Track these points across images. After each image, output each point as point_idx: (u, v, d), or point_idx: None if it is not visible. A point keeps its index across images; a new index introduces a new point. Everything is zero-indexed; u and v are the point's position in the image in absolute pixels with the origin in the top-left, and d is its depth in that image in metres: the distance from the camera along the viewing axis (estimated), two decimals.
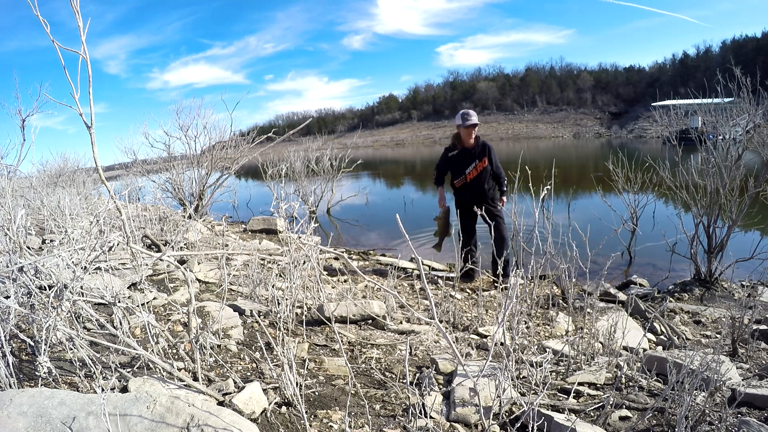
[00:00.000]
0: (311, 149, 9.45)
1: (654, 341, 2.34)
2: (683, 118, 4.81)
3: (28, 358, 1.52)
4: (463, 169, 3.86)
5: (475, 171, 3.83)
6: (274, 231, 5.89)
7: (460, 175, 3.88)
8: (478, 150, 3.82)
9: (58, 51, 1.09)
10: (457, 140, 3.89)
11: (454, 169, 3.91)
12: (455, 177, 3.91)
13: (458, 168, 3.89)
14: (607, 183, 4.85)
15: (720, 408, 1.37)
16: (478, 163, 3.80)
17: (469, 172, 3.84)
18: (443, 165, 3.97)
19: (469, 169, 3.83)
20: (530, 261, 2.41)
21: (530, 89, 70.10)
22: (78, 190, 5.77)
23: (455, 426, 1.38)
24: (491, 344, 1.35)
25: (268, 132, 6.60)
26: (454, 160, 3.90)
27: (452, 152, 3.91)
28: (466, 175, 3.85)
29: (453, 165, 3.91)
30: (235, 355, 1.76)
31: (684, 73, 54.56)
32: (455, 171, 3.91)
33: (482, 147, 3.82)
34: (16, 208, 2.30)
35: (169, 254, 1.48)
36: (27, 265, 1.54)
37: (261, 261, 3.23)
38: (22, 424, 1.00)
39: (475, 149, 3.82)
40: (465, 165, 3.85)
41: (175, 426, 1.08)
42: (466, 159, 3.84)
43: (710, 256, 3.41)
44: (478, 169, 3.82)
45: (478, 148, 3.82)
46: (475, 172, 3.83)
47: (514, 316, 1.78)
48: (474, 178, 3.83)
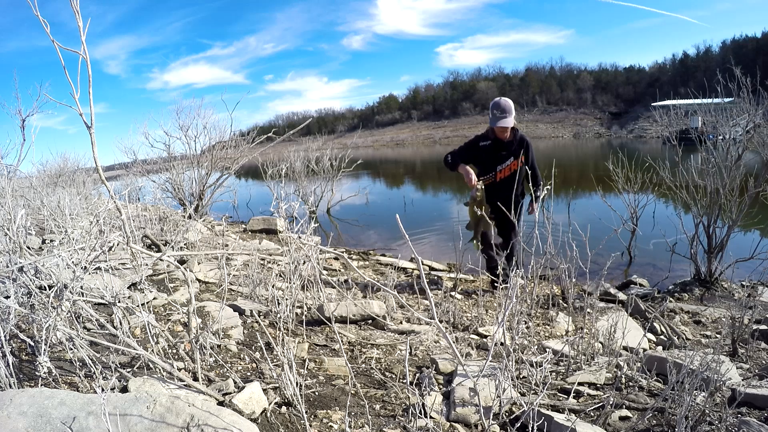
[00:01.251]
0: (311, 149, 9.46)
1: (654, 341, 2.34)
2: (683, 118, 4.81)
3: (28, 358, 1.52)
4: (494, 165, 3.25)
5: (508, 170, 3.24)
6: (274, 231, 5.89)
7: (489, 172, 3.26)
8: (516, 145, 3.23)
9: (58, 51, 1.09)
10: (491, 132, 3.27)
11: (483, 164, 3.28)
12: (482, 173, 3.28)
13: (488, 163, 3.26)
14: (607, 183, 4.85)
15: (720, 408, 1.37)
16: (513, 161, 3.21)
17: (501, 170, 3.24)
18: (466, 154, 3.31)
19: (502, 166, 3.24)
20: (530, 261, 2.41)
21: (530, 89, 70.11)
22: (78, 190, 5.77)
23: (455, 426, 1.38)
24: (491, 344, 1.35)
25: (268, 132, 6.61)
26: (484, 152, 3.25)
27: (484, 142, 3.27)
28: (496, 173, 3.25)
29: (482, 158, 3.27)
30: (235, 355, 1.76)
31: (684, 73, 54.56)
32: (483, 166, 3.28)
33: (520, 142, 3.24)
34: (16, 208, 2.30)
35: (169, 254, 1.48)
36: (27, 265, 1.54)
37: (261, 261, 3.23)
38: (22, 424, 1.00)
39: (513, 143, 3.22)
40: (497, 160, 3.24)
41: (175, 426, 1.08)
42: (500, 153, 3.23)
43: (710, 256, 3.41)
44: (512, 168, 3.23)
45: (516, 142, 3.23)
46: (508, 170, 3.25)
47: (514, 316, 1.78)
48: (505, 179, 3.25)
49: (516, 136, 3.24)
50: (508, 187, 3.23)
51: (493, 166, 3.26)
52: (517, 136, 3.25)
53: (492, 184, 3.26)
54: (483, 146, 3.27)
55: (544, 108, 67.73)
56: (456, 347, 1.20)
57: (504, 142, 3.22)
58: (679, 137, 4.09)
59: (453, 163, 3.28)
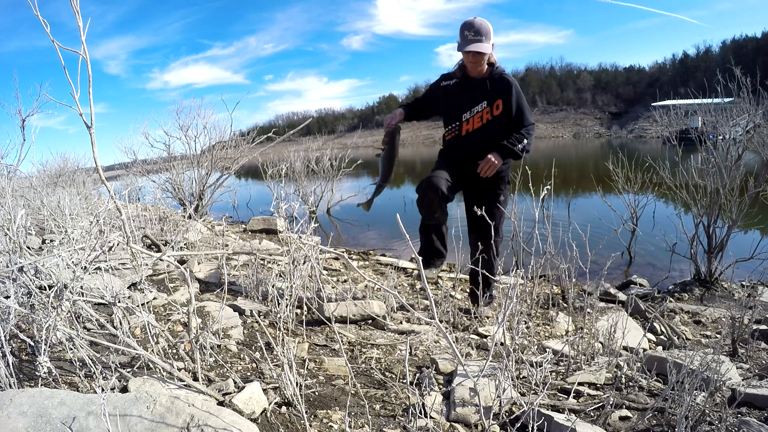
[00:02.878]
0: (311, 149, 9.45)
1: (654, 341, 2.34)
2: (683, 118, 4.81)
3: (28, 358, 1.52)
4: (458, 112, 2.35)
5: (478, 119, 2.31)
6: (274, 231, 5.89)
7: (452, 122, 2.39)
8: (492, 84, 2.29)
9: (58, 51, 1.09)
10: (459, 67, 2.39)
11: (445, 110, 2.41)
12: (445, 123, 2.44)
13: (451, 109, 2.38)
14: (607, 183, 4.85)
15: (720, 408, 1.37)
16: (486, 107, 2.29)
17: (468, 119, 2.33)
18: (424, 102, 2.53)
19: (469, 114, 2.33)
20: (530, 261, 2.41)
21: (530, 89, 70.11)
22: (78, 190, 5.77)
23: (455, 426, 1.38)
24: (491, 344, 1.35)
25: (268, 132, 6.61)
26: (447, 94, 2.39)
27: (447, 81, 2.40)
28: (461, 124, 2.35)
29: (445, 102, 2.41)
30: (235, 355, 1.76)
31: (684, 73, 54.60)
32: (446, 113, 2.41)
33: (499, 81, 2.28)
34: (16, 208, 2.30)
35: (169, 254, 1.48)
36: (27, 265, 1.54)
37: (261, 261, 3.23)
38: (22, 424, 1.00)
39: (487, 83, 2.29)
40: (462, 105, 2.34)
41: (175, 426, 1.08)
42: (467, 96, 2.33)
43: (710, 256, 3.41)
44: (483, 118, 2.30)
45: (493, 81, 2.29)
46: (477, 120, 2.32)
47: (514, 316, 1.78)
48: (474, 133, 2.34)
49: (494, 74, 2.30)
50: (478, 144, 2.32)
51: (457, 113, 2.34)
52: (495, 72, 2.30)
53: (455, 139, 2.38)
54: (446, 86, 2.40)
55: (544, 108, 67.75)
56: (456, 347, 1.20)
57: (475, 80, 2.31)
58: (679, 137, 4.10)
59: (401, 106, 2.56)
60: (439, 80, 2.48)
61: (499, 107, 2.30)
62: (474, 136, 2.36)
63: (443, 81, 2.44)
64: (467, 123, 2.35)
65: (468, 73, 2.33)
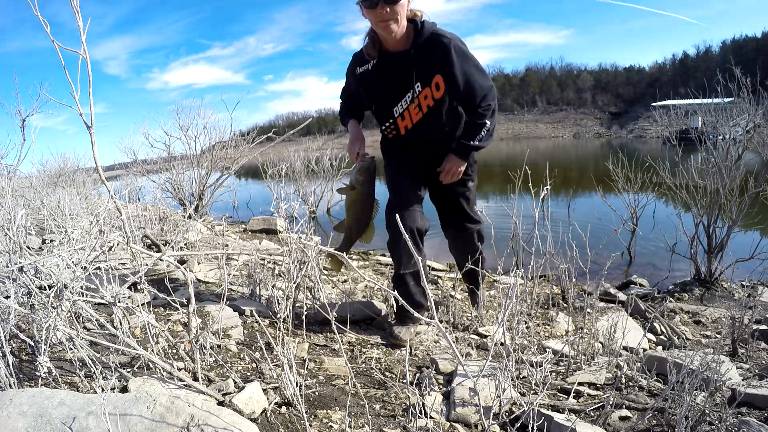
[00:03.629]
0: (311, 149, 9.46)
1: (654, 341, 2.34)
2: (683, 118, 4.81)
3: (28, 358, 1.52)
4: (387, 107, 1.88)
5: (416, 111, 1.84)
6: (274, 231, 5.89)
7: (385, 121, 1.93)
8: (419, 57, 1.74)
9: (58, 51, 1.09)
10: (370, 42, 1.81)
11: (376, 105, 1.95)
12: (379, 122, 1.99)
13: (377, 103, 1.92)
14: (607, 183, 4.85)
15: (720, 408, 1.37)
16: (422, 91, 1.79)
17: (401, 113, 1.86)
18: (349, 99, 2.07)
19: (400, 107, 1.84)
20: (530, 261, 2.41)
21: (530, 89, 70.13)
22: (78, 190, 5.77)
23: (455, 426, 1.38)
24: (491, 344, 1.35)
25: (268, 132, 6.60)
26: (367, 83, 1.90)
27: (362, 67, 1.88)
28: (395, 121, 1.89)
29: (367, 96, 1.94)
30: (235, 355, 1.76)
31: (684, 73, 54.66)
32: (377, 109, 1.95)
33: (429, 49, 1.73)
34: (16, 208, 2.30)
35: (169, 254, 1.48)
36: (27, 265, 1.54)
37: (261, 261, 3.23)
38: (22, 424, 1.00)
39: (414, 56, 1.74)
40: (391, 97, 1.86)
41: (175, 426, 1.08)
42: (392, 82, 1.83)
43: (710, 256, 3.41)
44: (422, 107, 1.83)
45: (420, 52, 1.74)
46: (416, 113, 1.84)
47: (514, 316, 1.78)
48: (417, 128, 1.89)
49: (420, 37, 1.71)
50: (429, 147, 1.92)
51: (386, 108, 1.87)
52: (422, 36, 1.71)
53: (398, 139, 1.94)
54: (362, 74, 1.86)
55: (544, 108, 67.75)
56: (456, 347, 1.20)
57: (396, 56, 1.75)
58: (679, 137, 4.10)
59: (342, 117, 2.10)
60: (352, 66, 1.88)
61: (439, 86, 1.75)
62: (419, 133, 1.90)
63: (357, 67, 1.86)
64: (403, 119, 1.85)
65: (385, 47, 1.73)
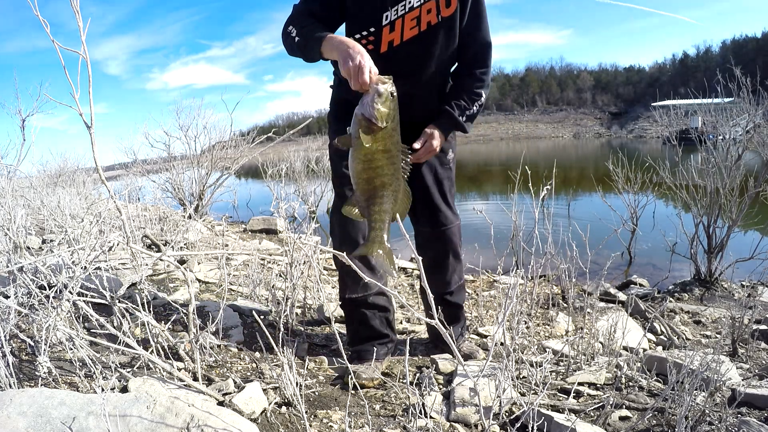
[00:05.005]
0: (311, 149, 9.46)
1: (654, 341, 2.34)
2: (683, 118, 4.81)
3: (28, 358, 1.52)
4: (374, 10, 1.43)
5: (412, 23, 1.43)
6: (274, 231, 5.89)
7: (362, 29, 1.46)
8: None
9: (58, 51, 1.09)
10: None
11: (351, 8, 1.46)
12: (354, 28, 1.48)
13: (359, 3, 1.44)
14: (607, 183, 4.85)
15: (720, 408, 1.37)
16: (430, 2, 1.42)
17: (392, 21, 1.42)
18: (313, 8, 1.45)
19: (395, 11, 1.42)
20: (530, 261, 2.41)
21: (530, 89, 70.16)
22: (78, 190, 5.77)
23: (455, 426, 1.38)
24: (491, 344, 1.35)
25: (268, 132, 6.60)
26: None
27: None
28: (380, 31, 1.44)
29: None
30: (235, 355, 1.76)
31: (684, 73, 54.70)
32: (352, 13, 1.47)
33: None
34: (16, 208, 2.30)
35: (169, 254, 1.48)
36: (27, 265, 1.54)
37: (261, 261, 3.23)
38: (22, 424, 1.00)
39: None
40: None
41: (175, 426, 1.08)
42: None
43: (710, 256, 3.41)
44: (422, 22, 1.44)
45: None
46: (413, 26, 1.43)
47: (514, 316, 1.78)
48: (406, 46, 1.46)
49: None
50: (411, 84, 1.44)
51: (372, 11, 1.43)
52: None
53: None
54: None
55: (544, 108, 67.77)
56: (456, 347, 1.20)
57: None
58: (679, 137, 4.10)
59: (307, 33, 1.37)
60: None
61: (451, 2, 1.41)
62: (404, 61, 1.44)
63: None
64: (392, 30, 1.40)
65: None
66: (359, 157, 1.24)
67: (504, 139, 57.50)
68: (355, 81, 1.23)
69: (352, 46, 1.26)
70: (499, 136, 59.95)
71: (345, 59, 1.24)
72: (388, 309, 1.73)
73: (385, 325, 1.72)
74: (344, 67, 1.24)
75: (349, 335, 1.75)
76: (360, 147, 1.22)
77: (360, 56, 1.23)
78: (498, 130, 62.67)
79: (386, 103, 1.21)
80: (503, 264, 2.74)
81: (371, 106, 1.21)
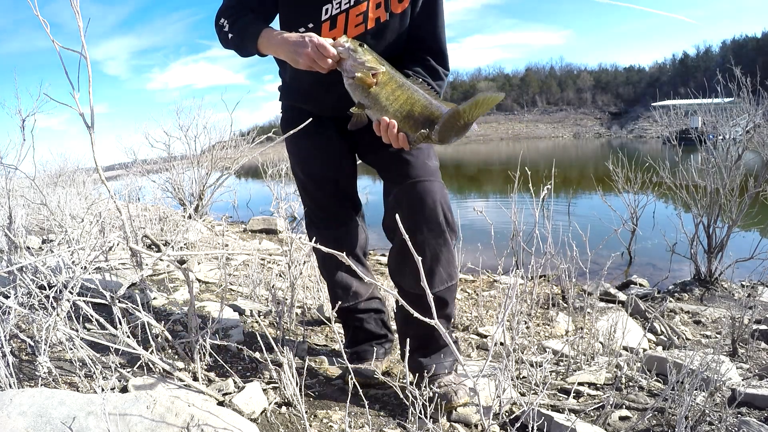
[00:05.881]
0: None
1: (654, 341, 2.34)
2: (683, 118, 4.81)
3: (28, 358, 1.52)
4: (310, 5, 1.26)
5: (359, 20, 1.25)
6: (274, 231, 5.89)
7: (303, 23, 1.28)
8: None
9: (58, 51, 1.09)
10: None
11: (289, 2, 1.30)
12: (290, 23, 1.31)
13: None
14: (607, 183, 4.85)
15: (720, 408, 1.37)
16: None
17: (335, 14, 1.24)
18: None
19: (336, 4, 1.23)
20: (530, 261, 2.41)
21: (530, 89, 70.18)
22: (78, 190, 5.77)
23: (455, 426, 1.38)
24: (491, 344, 1.35)
25: (268, 132, 6.59)
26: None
27: None
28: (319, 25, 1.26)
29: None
30: (235, 355, 1.76)
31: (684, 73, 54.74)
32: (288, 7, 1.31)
33: None
34: (16, 208, 2.30)
35: (169, 254, 1.48)
36: (27, 265, 1.54)
37: (261, 261, 3.23)
38: (22, 424, 1.00)
39: None
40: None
41: (175, 426, 1.08)
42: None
43: (710, 256, 3.41)
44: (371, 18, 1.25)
45: None
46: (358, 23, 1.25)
47: (514, 316, 1.78)
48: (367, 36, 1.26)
49: None
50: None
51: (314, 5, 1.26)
52: None
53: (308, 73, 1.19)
54: None
55: (544, 108, 67.79)
56: (456, 347, 1.19)
57: None
58: (679, 137, 4.10)
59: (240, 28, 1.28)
60: None
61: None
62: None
63: None
64: (332, 27, 1.26)
65: None
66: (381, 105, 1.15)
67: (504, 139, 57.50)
68: (323, 62, 1.13)
69: (294, 39, 1.16)
70: (499, 136, 59.93)
71: (296, 53, 1.15)
72: (382, 311, 1.69)
73: (381, 326, 1.69)
74: (301, 61, 1.15)
75: (347, 339, 1.72)
76: (377, 99, 1.14)
77: (308, 40, 1.13)
78: (498, 130, 62.68)
79: (366, 51, 1.15)
80: (503, 264, 2.74)
81: (359, 64, 1.13)
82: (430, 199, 1.31)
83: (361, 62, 1.13)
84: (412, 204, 1.32)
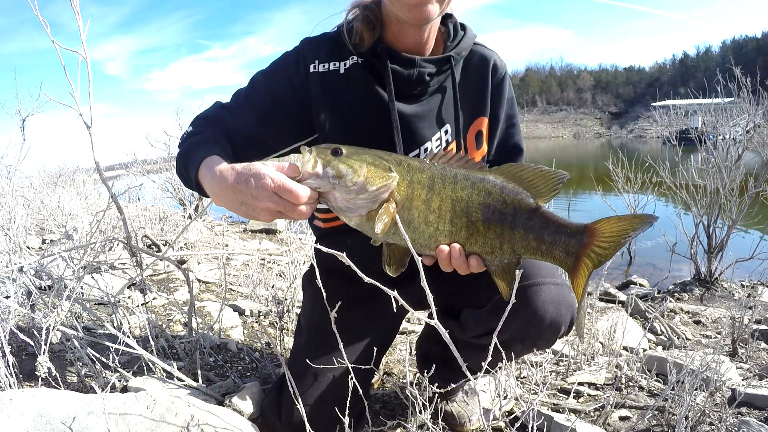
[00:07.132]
0: None
1: (654, 341, 2.34)
2: (683, 118, 4.81)
3: (28, 358, 1.52)
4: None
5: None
6: (274, 231, 5.89)
7: None
8: (463, 82, 1.08)
9: (58, 51, 1.09)
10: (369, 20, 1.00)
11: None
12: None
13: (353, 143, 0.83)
14: (607, 183, 4.85)
15: (720, 408, 1.37)
16: (450, 141, 1.06)
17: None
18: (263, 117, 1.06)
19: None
20: None
21: (530, 89, 70.17)
22: (78, 190, 5.77)
23: None
24: (491, 344, 1.34)
25: None
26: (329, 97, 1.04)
27: (329, 63, 1.03)
28: None
29: (333, 124, 1.05)
30: (235, 355, 1.76)
31: (684, 73, 54.75)
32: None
33: (476, 69, 1.10)
34: (16, 208, 2.30)
35: (169, 254, 1.48)
36: (27, 265, 1.54)
37: (261, 261, 3.23)
38: (22, 424, 1.00)
39: (449, 73, 1.04)
40: (375, 139, 0.95)
41: (175, 426, 1.08)
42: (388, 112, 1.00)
43: (710, 256, 3.41)
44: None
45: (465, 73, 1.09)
46: None
47: None
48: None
49: (460, 47, 1.09)
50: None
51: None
52: (462, 45, 1.10)
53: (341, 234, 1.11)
54: (322, 79, 1.06)
55: (544, 108, 67.78)
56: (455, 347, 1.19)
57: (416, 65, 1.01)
58: (679, 137, 4.10)
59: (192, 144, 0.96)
60: (298, 60, 1.07)
61: (481, 138, 1.10)
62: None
63: (316, 61, 1.06)
64: None
65: (390, 41, 1.03)
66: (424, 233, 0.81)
67: None
68: (295, 212, 0.78)
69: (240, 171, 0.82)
70: None
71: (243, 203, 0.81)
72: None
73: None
74: (265, 212, 0.80)
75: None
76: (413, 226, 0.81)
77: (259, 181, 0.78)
78: None
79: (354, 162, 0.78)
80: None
81: (355, 192, 0.77)
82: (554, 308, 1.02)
83: (358, 187, 0.77)
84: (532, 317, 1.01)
